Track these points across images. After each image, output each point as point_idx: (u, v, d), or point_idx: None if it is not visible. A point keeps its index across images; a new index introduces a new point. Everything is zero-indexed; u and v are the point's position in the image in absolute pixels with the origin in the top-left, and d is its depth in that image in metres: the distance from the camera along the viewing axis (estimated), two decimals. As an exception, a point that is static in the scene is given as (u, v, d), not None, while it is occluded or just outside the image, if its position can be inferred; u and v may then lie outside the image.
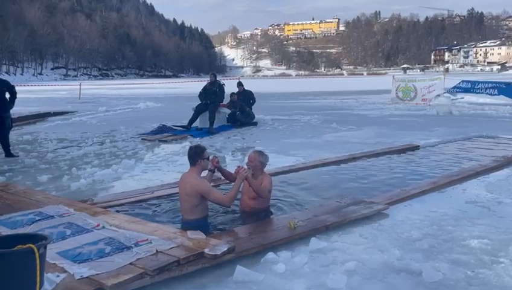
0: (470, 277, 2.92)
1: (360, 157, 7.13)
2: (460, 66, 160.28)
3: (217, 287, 2.82)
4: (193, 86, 24.15)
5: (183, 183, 3.96)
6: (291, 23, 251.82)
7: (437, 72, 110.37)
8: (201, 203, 3.93)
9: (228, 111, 11.87)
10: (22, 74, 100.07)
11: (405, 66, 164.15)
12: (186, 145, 8.88)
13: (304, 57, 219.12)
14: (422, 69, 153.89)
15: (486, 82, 19.75)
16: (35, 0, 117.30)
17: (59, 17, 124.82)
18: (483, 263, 3.12)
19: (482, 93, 19.04)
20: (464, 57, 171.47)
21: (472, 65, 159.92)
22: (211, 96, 11.25)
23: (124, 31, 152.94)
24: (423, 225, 3.92)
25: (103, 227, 3.49)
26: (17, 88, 7.83)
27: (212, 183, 4.26)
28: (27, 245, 2.33)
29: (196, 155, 4.00)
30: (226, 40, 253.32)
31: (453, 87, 20.02)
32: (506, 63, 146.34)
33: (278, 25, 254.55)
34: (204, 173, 4.16)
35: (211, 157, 4.16)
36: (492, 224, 3.94)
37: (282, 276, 2.93)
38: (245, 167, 4.12)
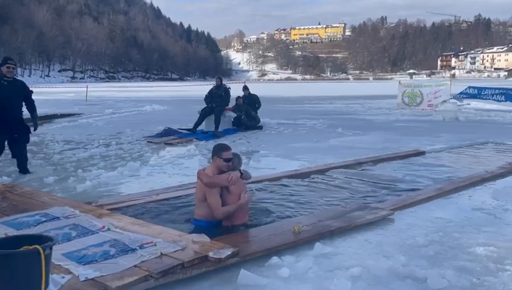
0: (476, 284, 2.90)
1: (365, 162, 7.10)
2: (467, 72, 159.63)
3: (221, 290, 2.82)
4: (199, 89, 24.25)
5: (197, 176, 4.02)
6: (297, 27, 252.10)
7: (443, 77, 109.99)
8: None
9: (234, 115, 11.89)
10: (29, 76, 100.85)
11: (411, 71, 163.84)
12: (191, 148, 8.92)
13: (310, 61, 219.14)
14: (429, 75, 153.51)
15: (493, 88, 19.63)
16: (43, 3, 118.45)
17: (67, 19, 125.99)
18: (489, 271, 3.10)
19: (489, 99, 18.94)
20: (471, 63, 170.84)
21: (479, 71, 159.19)
22: (216, 100, 11.31)
23: (131, 34, 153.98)
24: (428, 231, 3.90)
25: (108, 229, 3.50)
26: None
27: None
28: (33, 246, 2.35)
29: (213, 151, 4.05)
30: (232, 44, 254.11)
31: (459, 93, 19.93)
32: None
33: (284, 29, 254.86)
34: None
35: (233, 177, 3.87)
36: (498, 231, 3.91)
37: (286, 280, 2.92)
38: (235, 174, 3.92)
